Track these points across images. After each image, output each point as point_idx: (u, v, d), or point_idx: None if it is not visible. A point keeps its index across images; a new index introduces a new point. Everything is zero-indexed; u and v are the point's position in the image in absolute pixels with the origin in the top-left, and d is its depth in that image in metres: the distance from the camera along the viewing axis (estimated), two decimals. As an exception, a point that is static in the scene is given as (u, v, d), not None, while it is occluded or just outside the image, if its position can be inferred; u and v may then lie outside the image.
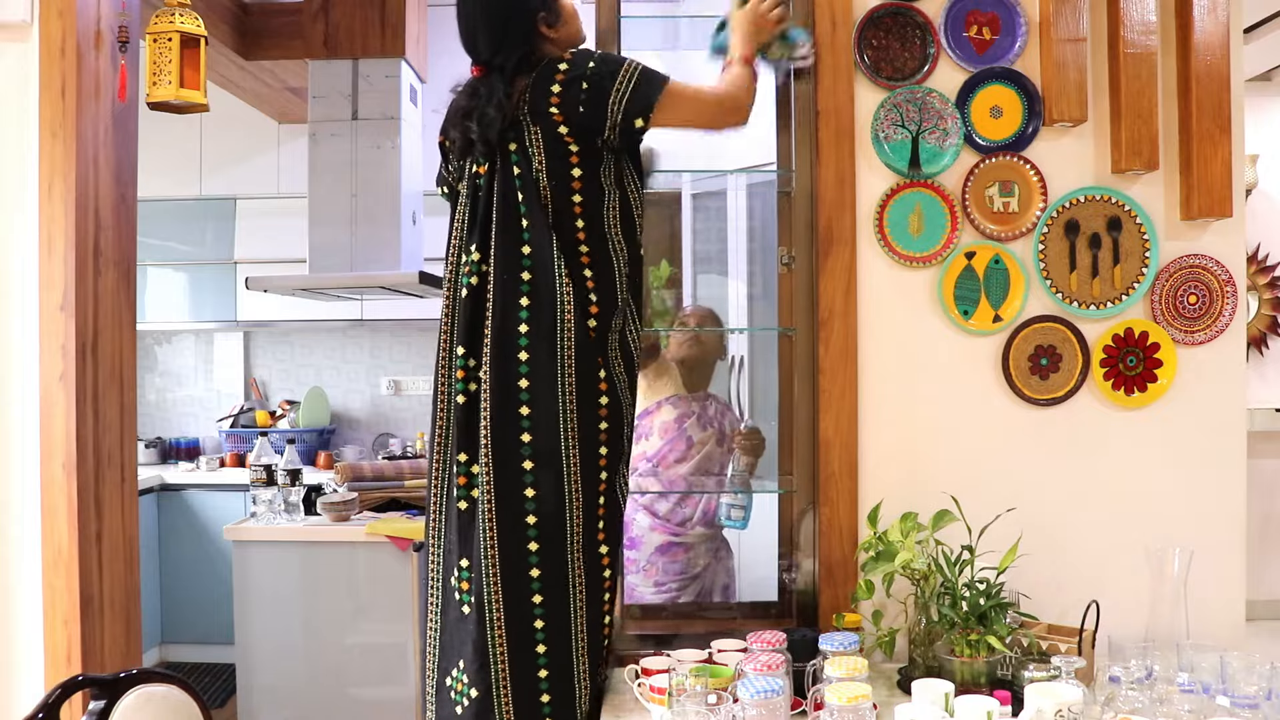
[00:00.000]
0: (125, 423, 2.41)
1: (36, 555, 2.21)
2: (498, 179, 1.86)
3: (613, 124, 1.82)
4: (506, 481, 1.80)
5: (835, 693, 1.54)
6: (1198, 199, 2.13)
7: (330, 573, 3.43)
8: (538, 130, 1.82)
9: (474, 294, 1.87)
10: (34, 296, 2.22)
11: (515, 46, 1.87)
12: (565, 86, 1.81)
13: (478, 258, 1.87)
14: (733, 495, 2.76)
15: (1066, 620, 2.01)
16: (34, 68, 2.21)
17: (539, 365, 1.81)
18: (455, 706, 1.85)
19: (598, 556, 1.87)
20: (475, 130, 1.86)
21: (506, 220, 1.85)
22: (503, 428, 1.81)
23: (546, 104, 1.82)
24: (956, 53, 2.18)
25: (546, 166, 1.82)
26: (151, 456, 5.24)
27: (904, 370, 2.18)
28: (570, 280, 1.83)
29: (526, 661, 1.80)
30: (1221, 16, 2.12)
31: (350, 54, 4.07)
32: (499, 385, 1.81)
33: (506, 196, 1.85)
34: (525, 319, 1.82)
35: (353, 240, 4.08)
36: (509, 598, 1.80)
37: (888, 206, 2.17)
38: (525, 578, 1.81)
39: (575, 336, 1.82)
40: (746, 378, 3.69)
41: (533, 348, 1.81)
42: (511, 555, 1.80)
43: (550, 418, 1.81)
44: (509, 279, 1.83)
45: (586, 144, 1.83)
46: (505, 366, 1.81)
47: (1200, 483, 2.19)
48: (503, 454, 1.81)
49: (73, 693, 1.63)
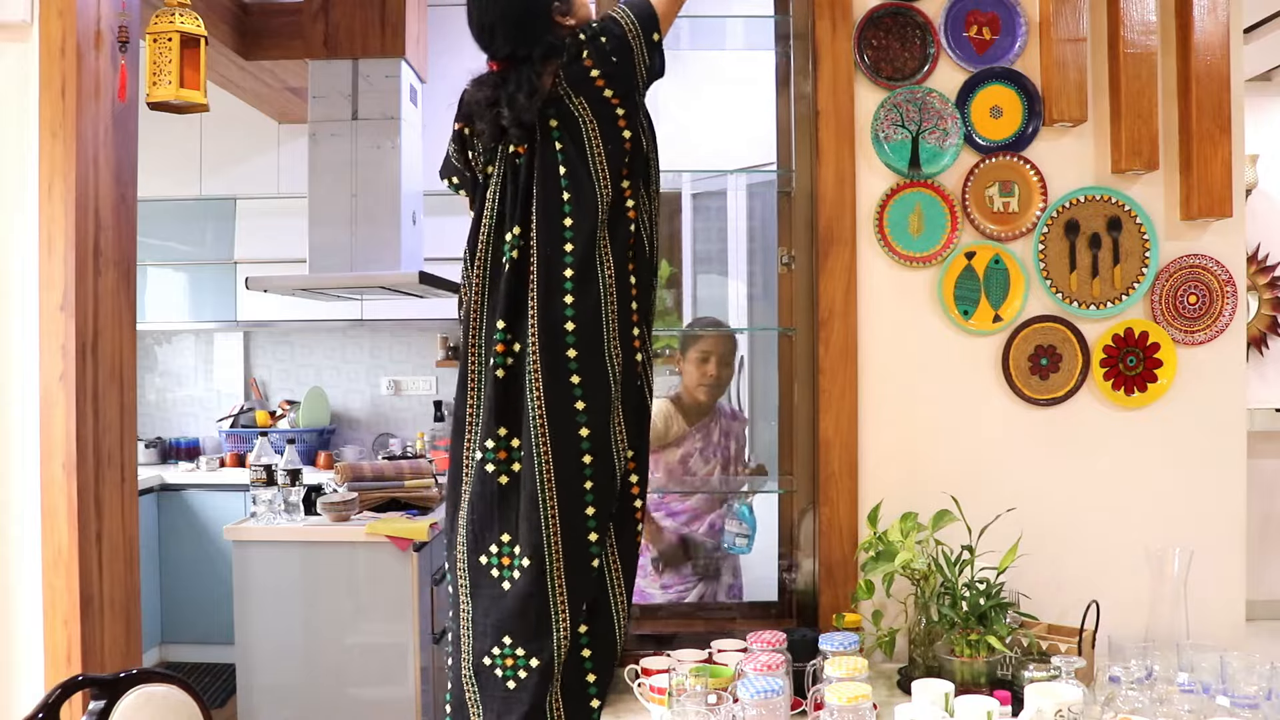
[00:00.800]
0: (125, 423, 2.41)
1: (36, 555, 2.21)
2: (539, 156, 1.89)
3: (641, 56, 1.88)
4: (564, 449, 1.84)
5: (835, 693, 1.54)
6: (1198, 199, 2.13)
7: (330, 573, 3.43)
8: (582, 100, 1.87)
9: (516, 268, 1.90)
10: (34, 296, 2.21)
11: (536, 39, 1.91)
12: (591, 48, 1.87)
13: (519, 232, 1.90)
14: (738, 523, 2.78)
15: (1066, 620, 2.01)
16: (34, 68, 2.20)
17: (586, 334, 1.85)
18: (507, 681, 1.85)
19: (634, 513, 1.93)
20: (508, 115, 1.89)
21: (548, 195, 1.88)
22: (556, 396, 1.84)
23: (585, 72, 1.86)
24: (956, 53, 2.18)
25: (600, 130, 1.87)
26: (151, 456, 5.24)
27: (904, 370, 2.19)
28: (610, 245, 1.88)
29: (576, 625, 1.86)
30: (1221, 16, 2.12)
31: (350, 54, 4.06)
32: (549, 355, 1.84)
33: (548, 171, 1.88)
34: (570, 289, 1.85)
35: (353, 240, 4.08)
36: (570, 565, 1.83)
37: (888, 206, 2.17)
38: (585, 542, 1.84)
39: (618, 302, 1.87)
40: (746, 378, 3.69)
41: (579, 317, 1.85)
42: (571, 522, 1.83)
43: (600, 385, 1.85)
44: (552, 251, 1.87)
45: (628, 98, 1.88)
46: (554, 336, 1.85)
47: (1200, 483, 2.19)
48: (558, 422, 1.84)
49: (73, 693, 1.63)
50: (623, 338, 1.88)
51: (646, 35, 1.90)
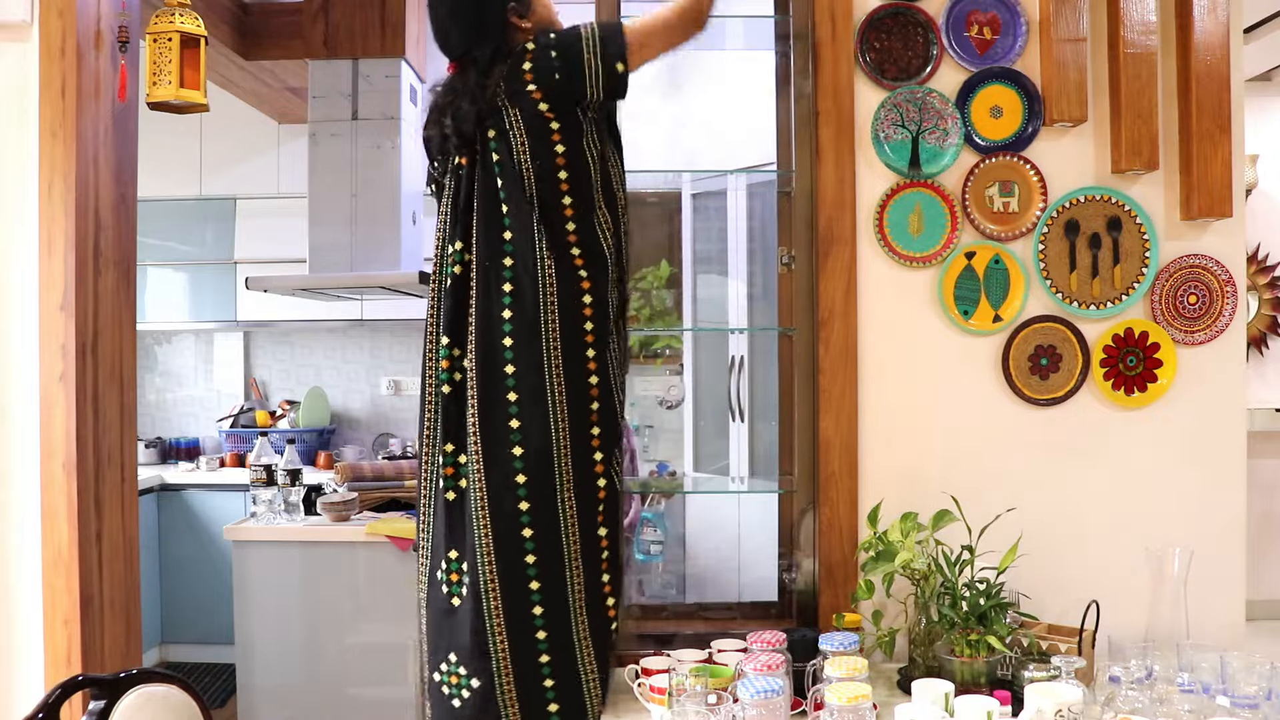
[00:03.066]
0: (125, 423, 2.41)
1: (36, 555, 2.21)
2: (478, 167, 1.86)
3: (594, 79, 1.81)
4: (497, 469, 1.80)
5: (835, 693, 1.54)
6: (1198, 199, 2.13)
7: (330, 573, 3.43)
8: (517, 111, 1.82)
9: (457, 283, 1.87)
10: (34, 296, 2.21)
11: (488, 40, 1.87)
12: (536, 60, 1.81)
13: (460, 247, 1.87)
14: (653, 530, 2.76)
15: (1066, 620, 2.01)
16: (34, 68, 2.20)
17: (523, 350, 1.81)
18: (452, 700, 1.84)
19: (595, 539, 1.85)
20: (449, 125, 1.86)
21: (487, 208, 1.85)
22: (490, 415, 1.81)
23: (522, 83, 1.81)
24: (958, 52, 2.18)
25: (529, 147, 1.81)
26: (151, 456, 5.23)
27: (904, 370, 2.19)
28: (554, 262, 1.82)
29: (527, 648, 1.80)
30: (1221, 16, 2.12)
31: (350, 54, 4.06)
32: (484, 372, 1.82)
33: (487, 184, 1.85)
34: (508, 304, 1.82)
35: (353, 240, 4.08)
36: (505, 585, 1.79)
37: (888, 206, 2.17)
38: (521, 564, 1.80)
39: (560, 319, 1.82)
40: (746, 378, 3.69)
41: (516, 333, 1.81)
42: (505, 543, 1.80)
43: (538, 403, 1.80)
44: (490, 266, 1.84)
45: (567, 116, 1.82)
46: (490, 353, 1.82)
47: (1200, 483, 2.19)
48: (491, 441, 1.81)
49: (73, 693, 1.63)
50: (568, 357, 1.82)
51: (606, 60, 1.82)
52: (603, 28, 1.85)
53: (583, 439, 1.84)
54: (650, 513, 2.87)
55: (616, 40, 1.84)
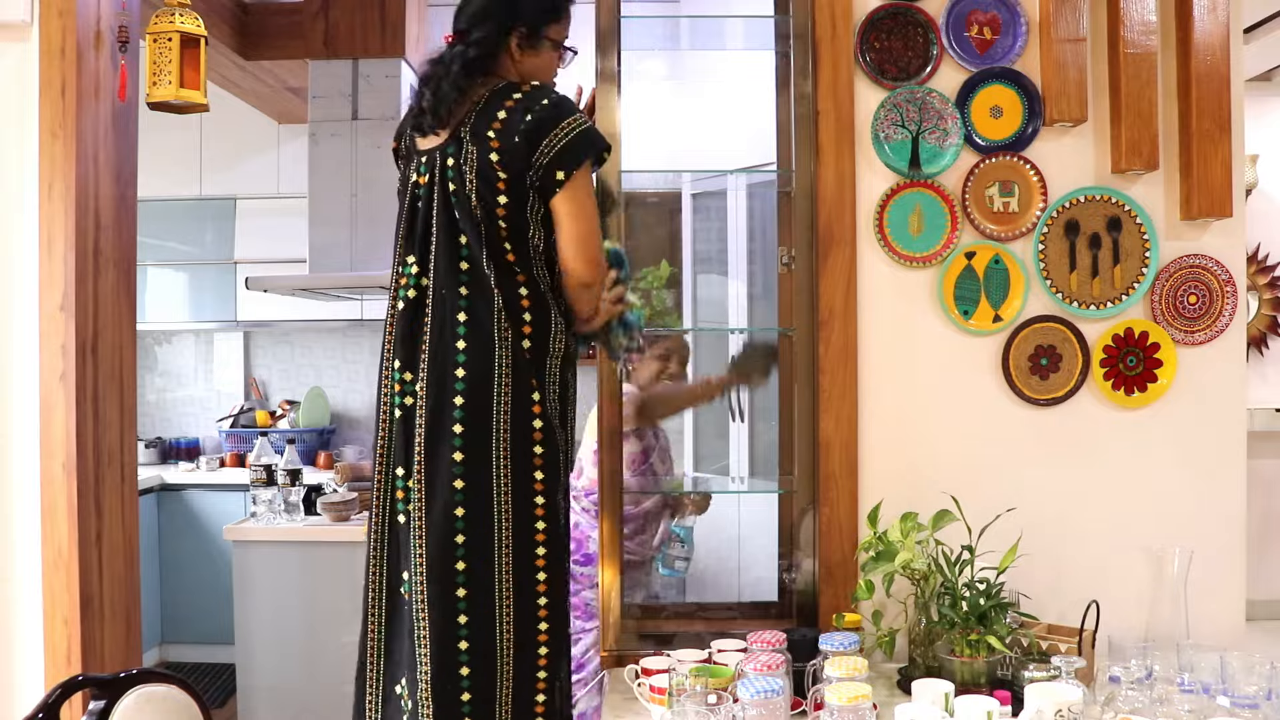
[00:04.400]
0: (125, 423, 2.41)
1: (36, 555, 2.21)
2: (436, 191, 1.85)
3: (537, 164, 1.80)
4: (438, 498, 1.79)
5: (835, 693, 1.54)
6: (1198, 199, 2.13)
7: (330, 573, 3.43)
8: (474, 150, 1.81)
9: (411, 306, 1.85)
10: (34, 296, 2.21)
11: (486, 36, 1.85)
12: (510, 113, 1.80)
13: (416, 271, 1.85)
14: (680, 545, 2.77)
15: (1066, 620, 2.01)
16: (34, 68, 2.20)
17: (475, 382, 1.79)
18: (402, 715, 1.83)
19: (533, 584, 1.81)
20: (428, 99, 1.84)
21: (447, 234, 1.83)
22: (435, 444, 1.79)
23: (488, 127, 1.80)
24: (958, 52, 2.18)
25: (476, 188, 1.80)
26: (151, 456, 5.23)
27: (904, 371, 2.18)
28: (503, 298, 1.80)
29: (451, 684, 1.77)
30: (1221, 16, 2.12)
31: (350, 54, 4.07)
32: (434, 401, 1.80)
33: (446, 210, 1.83)
34: (464, 335, 1.80)
35: (353, 240, 4.08)
36: (435, 615, 1.78)
37: (888, 206, 2.17)
38: (453, 597, 1.78)
39: (512, 355, 1.80)
40: (746, 378, 3.68)
41: (470, 364, 1.79)
42: (440, 574, 1.78)
43: (483, 436, 1.79)
44: (448, 294, 1.82)
45: (515, 176, 1.80)
46: (442, 382, 1.80)
47: (1200, 483, 2.19)
48: (434, 471, 1.79)
49: (73, 693, 1.63)
50: (515, 395, 1.80)
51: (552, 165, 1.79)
52: (585, 133, 1.82)
53: (525, 481, 1.81)
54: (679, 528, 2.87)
55: (581, 152, 1.80)
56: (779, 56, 2.36)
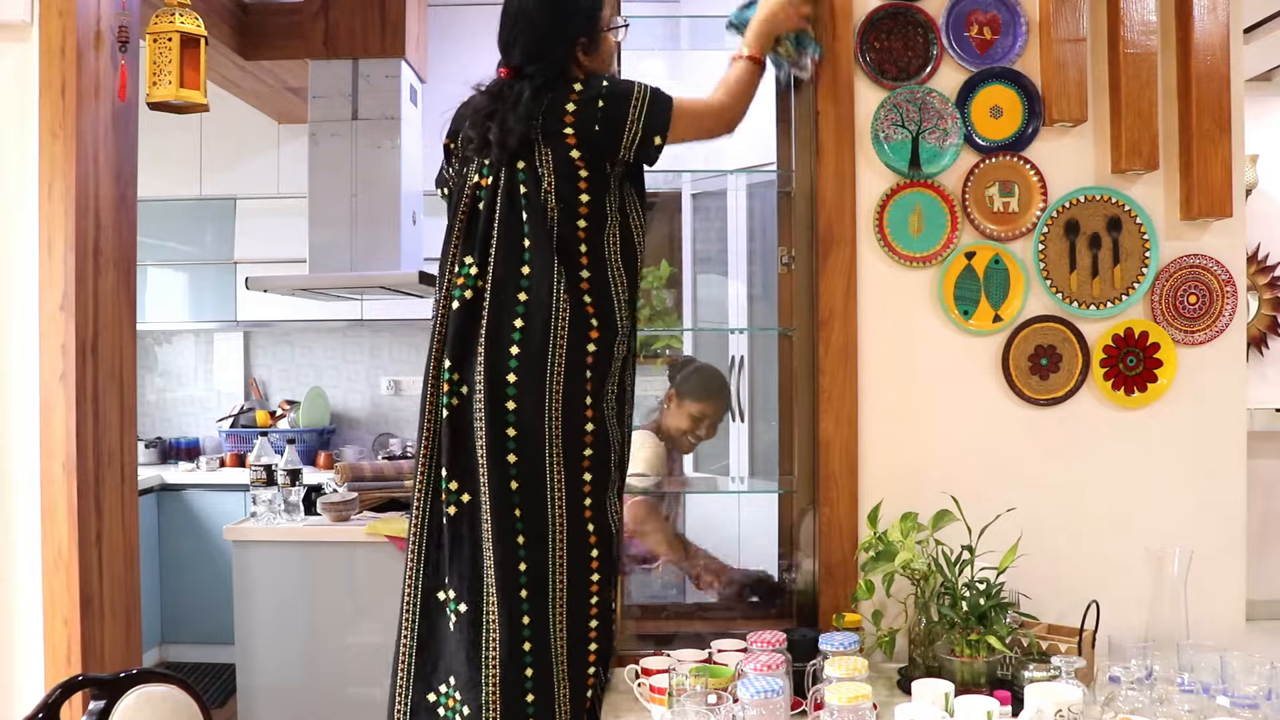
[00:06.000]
0: (125, 423, 2.41)
1: (36, 555, 2.21)
2: (501, 195, 1.85)
3: (630, 141, 1.84)
4: (499, 499, 1.81)
5: (835, 693, 1.54)
6: (1198, 199, 2.13)
7: (330, 573, 3.43)
8: (549, 151, 1.82)
9: (466, 308, 1.86)
10: (34, 296, 2.21)
11: (550, 63, 1.87)
12: (581, 106, 1.81)
13: (475, 272, 1.86)
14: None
15: (1066, 620, 2.01)
16: (34, 68, 2.20)
17: (527, 387, 1.81)
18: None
19: (586, 584, 1.85)
20: (495, 133, 1.85)
21: (509, 238, 1.84)
22: (493, 446, 1.81)
23: (561, 124, 1.82)
24: (958, 52, 2.18)
25: (555, 187, 1.82)
26: (151, 456, 5.23)
27: (904, 370, 2.18)
28: (569, 304, 1.83)
29: (516, 684, 1.79)
30: (1221, 16, 2.12)
31: (350, 54, 4.06)
32: (489, 405, 1.81)
33: (511, 216, 1.84)
34: (518, 340, 1.82)
35: (353, 240, 4.08)
36: (503, 616, 1.80)
37: (888, 206, 2.17)
38: (516, 597, 1.80)
39: (566, 361, 1.82)
40: (746, 378, 3.69)
41: (522, 370, 1.81)
42: (505, 573, 1.80)
43: (535, 440, 1.81)
44: (505, 298, 1.83)
45: (597, 167, 1.83)
46: (495, 386, 1.81)
47: (1200, 483, 2.19)
48: (495, 473, 1.81)
49: (73, 693, 1.63)
50: (568, 400, 1.82)
51: (648, 129, 1.85)
52: (654, 95, 1.87)
53: (576, 483, 1.84)
54: None
55: (663, 112, 1.87)
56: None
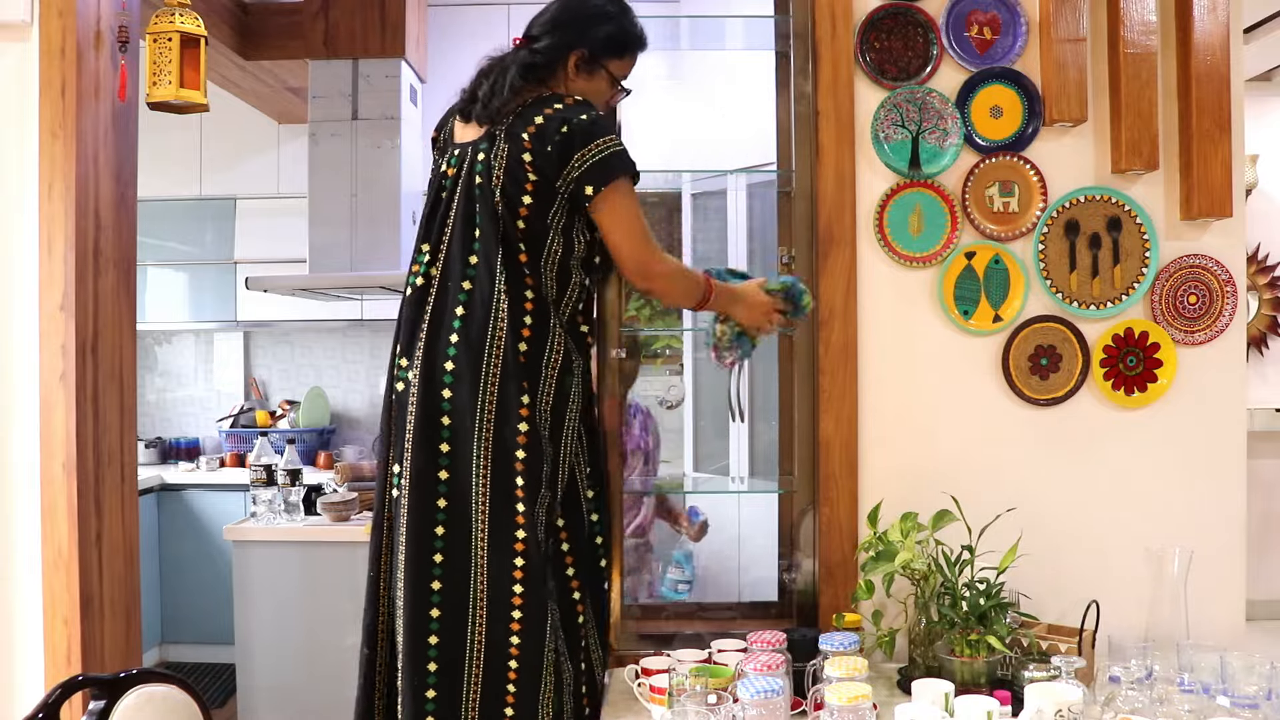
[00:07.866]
0: (125, 423, 2.41)
1: (36, 555, 2.21)
2: (461, 184, 1.87)
3: (568, 174, 1.82)
4: (422, 488, 1.80)
5: (835, 693, 1.54)
6: (1198, 199, 2.13)
7: (330, 573, 3.43)
8: (506, 148, 1.83)
9: (417, 294, 1.88)
10: (34, 296, 2.21)
11: (549, 47, 1.90)
12: (548, 121, 1.82)
13: (427, 260, 1.88)
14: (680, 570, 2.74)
15: (1066, 620, 2.01)
16: (34, 68, 2.20)
17: (463, 377, 1.81)
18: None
19: (509, 594, 1.80)
20: (484, 89, 1.88)
21: (463, 227, 1.85)
22: (425, 432, 1.81)
23: (524, 129, 1.83)
24: (958, 52, 2.18)
25: (502, 184, 1.83)
26: (151, 456, 5.23)
27: (904, 370, 2.18)
28: (509, 298, 1.82)
29: (419, 682, 1.78)
30: (1221, 16, 2.12)
31: (350, 54, 4.07)
32: (424, 391, 1.82)
33: (467, 204, 1.86)
34: (458, 328, 1.82)
35: (353, 240, 4.09)
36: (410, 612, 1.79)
37: (888, 206, 2.17)
38: (427, 589, 1.79)
39: (504, 355, 1.81)
40: (746, 378, 3.69)
41: (459, 359, 1.81)
42: (418, 562, 1.79)
43: (466, 431, 1.80)
44: (451, 285, 1.84)
45: (542, 180, 1.82)
46: (432, 374, 1.82)
47: (1200, 483, 2.19)
48: (423, 459, 1.81)
49: (73, 693, 1.63)
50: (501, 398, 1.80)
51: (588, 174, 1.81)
52: (615, 154, 1.83)
53: (505, 485, 1.81)
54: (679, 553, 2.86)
55: (610, 173, 1.82)
56: (779, 56, 2.36)
